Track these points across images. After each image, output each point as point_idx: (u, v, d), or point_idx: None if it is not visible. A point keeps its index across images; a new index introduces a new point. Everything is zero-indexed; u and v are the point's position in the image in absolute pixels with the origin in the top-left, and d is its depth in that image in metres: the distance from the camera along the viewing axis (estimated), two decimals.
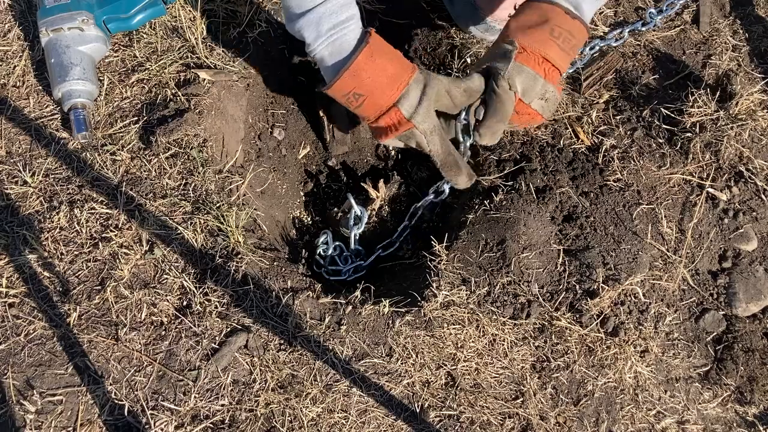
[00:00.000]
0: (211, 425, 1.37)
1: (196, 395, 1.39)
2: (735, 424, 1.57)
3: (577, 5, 1.39)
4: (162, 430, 1.35)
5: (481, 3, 1.85)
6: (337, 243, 1.82)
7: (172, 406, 1.37)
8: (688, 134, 1.74)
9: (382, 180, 1.82)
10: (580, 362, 1.53)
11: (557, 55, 1.37)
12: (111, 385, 1.38)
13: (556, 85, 1.41)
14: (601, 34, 1.90)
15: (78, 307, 1.44)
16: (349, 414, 1.42)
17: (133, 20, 1.71)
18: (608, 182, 1.68)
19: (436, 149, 1.47)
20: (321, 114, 1.85)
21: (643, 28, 1.90)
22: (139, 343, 1.42)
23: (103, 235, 1.51)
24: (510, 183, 1.68)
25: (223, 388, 1.40)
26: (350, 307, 1.52)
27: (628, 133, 1.77)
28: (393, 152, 1.99)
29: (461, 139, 1.54)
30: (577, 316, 1.54)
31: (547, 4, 1.39)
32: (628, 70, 1.88)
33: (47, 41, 1.64)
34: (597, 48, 1.85)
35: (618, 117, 1.79)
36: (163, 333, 1.44)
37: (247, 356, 1.44)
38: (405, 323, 1.50)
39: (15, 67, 1.71)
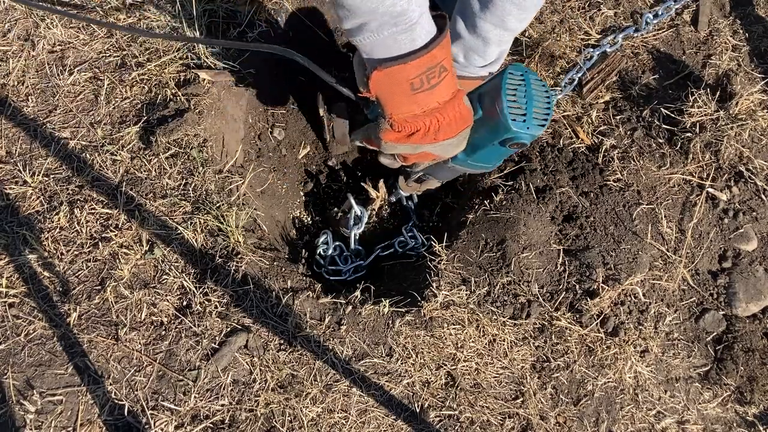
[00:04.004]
0: (211, 425, 1.37)
1: (196, 395, 1.39)
2: (735, 424, 1.56)
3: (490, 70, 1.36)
4: (162, 430, 1.35)
5: None
6: (337, 243, 1.82)
7: (172, 406, 1.37)
8: (688, 134, 1.74)
9: (382, 180, 1.82)
10: (580, 362, 1.53)
11: None
12: (111, 385, 1.38)
13: None
14: (594, 41, 1.90)
15: (78, 307, 1.44)
16: (349, 414, 1.42)
17: None
18: (608, 182, 1.68)
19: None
20: (321, 114, 1.85)
21: (636, 34, 1.90)
22: (139, 343, 1.42)
23: (103, 235, 1.51)
24: (510, 183, 1.68)
25: (223, 388, 1.40)
26: (350, 307, 1.52)
27: (628, 133, 1.77)
28: None
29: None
30: (577, 316, 1.54)
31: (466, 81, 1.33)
32: (629, 70, 1.88)
33: None
34: (595, 56, 1.84)
35: (618, 117, 1.79)
36: (163, 333, 1.44)
37: (247, 356, 1.44)
38: (405, 323, 1.50)
39: (15, 67, 1.71)
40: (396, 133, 1.14)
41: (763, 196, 1.71)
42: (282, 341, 1.46)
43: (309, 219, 1.93)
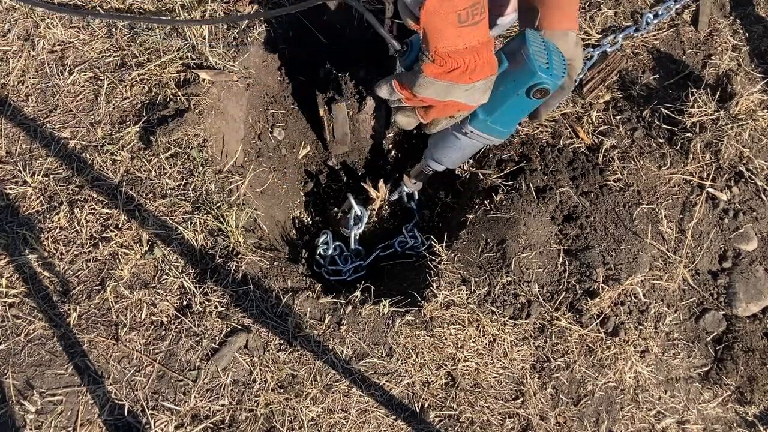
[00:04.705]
0: (211, 425, 1.37)
1: (196, 395, 1.39)
2: (735, 424, 1.56)
3: None
4: (162, 430, 1.35)
5: None
6: (337, 243, 1.82)
7: (172, 406, 1.37)
8: (688, 134, 1.74)
9: (382, 180, 1.82)
10: (580, 362, 1.53)
11: None
12: (111, 385, 1.38)
13: None
14: (594, 41, 1.90)
15: (78, 307, 1.44)
16: (349, 414, 1.42)
17: None
18: (608, 182, 1.68)
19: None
20: (321, 114, 1.85)
21: (636, 34, 1.90)
22: (139, 343, 1.42)
23: (103, 235, 1.51)
24: (510, 183, 1.68)
25: (223, 388, 1.40)
26: (350, 307, 1.52)
27: (628, 133, 1.77)
28: (393, 152, 1.99)
29: None
30: (577, 316, 1.54)
31: None
32: (629, 70, 1.88)
33: None
34: (595, 56, 1.84)
35: (618, 117, 1.79)
36: (163, 333, 1.44)
37: (247, 356, 1.44)
38: (405, 323, 1.50)
39: (15, 67, 1.71)
40: (438, 67, 1.19)
41: (763, 196, 1.71)
42: (282, 341, 1.46)
43: (309, 219, 1.93)
